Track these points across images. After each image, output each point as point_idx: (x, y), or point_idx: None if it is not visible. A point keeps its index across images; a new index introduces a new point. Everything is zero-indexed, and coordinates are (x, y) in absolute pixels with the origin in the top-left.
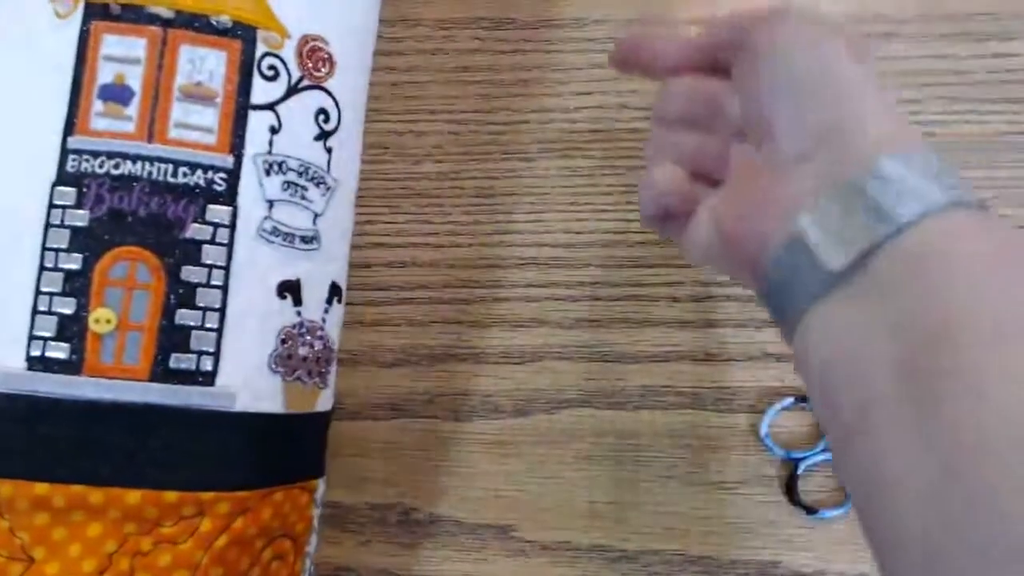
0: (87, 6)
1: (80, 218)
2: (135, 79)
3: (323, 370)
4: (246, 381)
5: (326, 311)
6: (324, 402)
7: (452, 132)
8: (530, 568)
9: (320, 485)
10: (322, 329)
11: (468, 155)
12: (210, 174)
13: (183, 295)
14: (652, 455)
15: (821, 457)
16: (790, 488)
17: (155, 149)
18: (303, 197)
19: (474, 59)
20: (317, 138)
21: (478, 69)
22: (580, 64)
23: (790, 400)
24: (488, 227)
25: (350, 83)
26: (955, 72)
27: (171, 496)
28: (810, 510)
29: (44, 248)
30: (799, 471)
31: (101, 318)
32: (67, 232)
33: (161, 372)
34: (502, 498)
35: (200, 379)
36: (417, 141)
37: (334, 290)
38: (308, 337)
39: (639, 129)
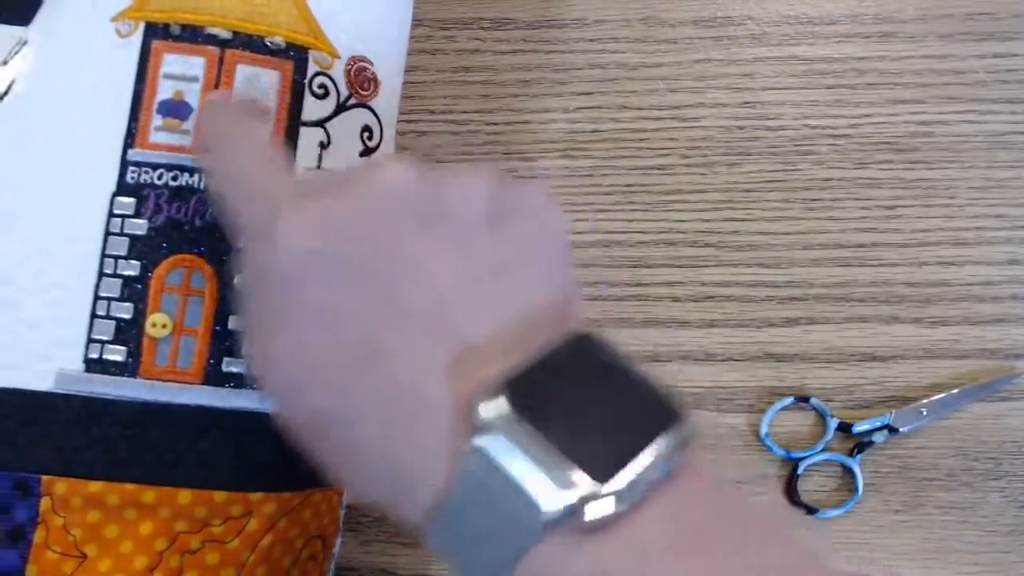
0: (147, 26)
1: (139, 227)
2: (193, 96)
3: None
4: None
5: None
6: None
7: (452, 132)
8: None
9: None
10: None
11: (468, 155)
12: None
13: (235, 302)
14: None
15: (821, 457)
16: (790, 488)
17: None
18: None
19: (474, 59)
20: (362, 154)
21: (478, 69)
22: (580, 64)
23: (790, 400)
24: None
25: (390, 102)
26: (955, 72)
27: (220, 496)
28: (810, 510)
29: (103, 255)
30: (799, 471)
31: (158, 322)
32: (126, 240)
33: (213, 375)
34: None
35: (250, 383)
36: (418, 141)
37: None
38: None
39: (640, 129)
